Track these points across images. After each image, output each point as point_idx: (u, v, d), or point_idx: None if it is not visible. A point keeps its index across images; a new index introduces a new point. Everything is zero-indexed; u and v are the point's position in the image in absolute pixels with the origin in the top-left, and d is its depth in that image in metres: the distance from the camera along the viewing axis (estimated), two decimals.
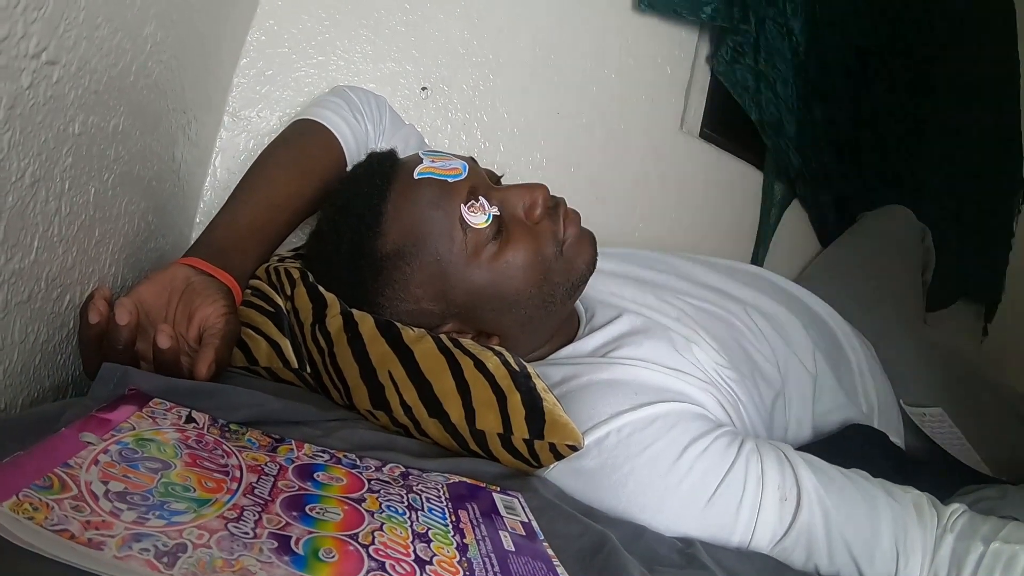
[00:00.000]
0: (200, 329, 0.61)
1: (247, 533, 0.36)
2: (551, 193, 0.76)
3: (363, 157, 0.79)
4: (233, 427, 0.50)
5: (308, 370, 0.68)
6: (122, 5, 0.54)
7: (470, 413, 0.60)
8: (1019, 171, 2.12)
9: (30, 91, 0.44)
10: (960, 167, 1.90)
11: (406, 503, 0.45)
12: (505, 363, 0.63)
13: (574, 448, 0.58)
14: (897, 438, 0.96)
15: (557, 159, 1.32)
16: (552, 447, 0.58)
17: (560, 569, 0.43)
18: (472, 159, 0.75)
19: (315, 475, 0.46)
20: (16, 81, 0.42)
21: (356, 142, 0.89)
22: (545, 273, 0.73)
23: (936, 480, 0.74)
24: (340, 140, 0.86)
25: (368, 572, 0.35)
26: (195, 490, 0.38)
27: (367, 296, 0.71)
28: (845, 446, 0.83)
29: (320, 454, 0.50)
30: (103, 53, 0.53)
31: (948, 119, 1.87)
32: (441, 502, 0.47)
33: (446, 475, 0.53)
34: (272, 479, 0.43)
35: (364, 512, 0.42)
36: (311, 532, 0.37)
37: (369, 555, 0.37)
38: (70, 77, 0.48)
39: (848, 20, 1.64)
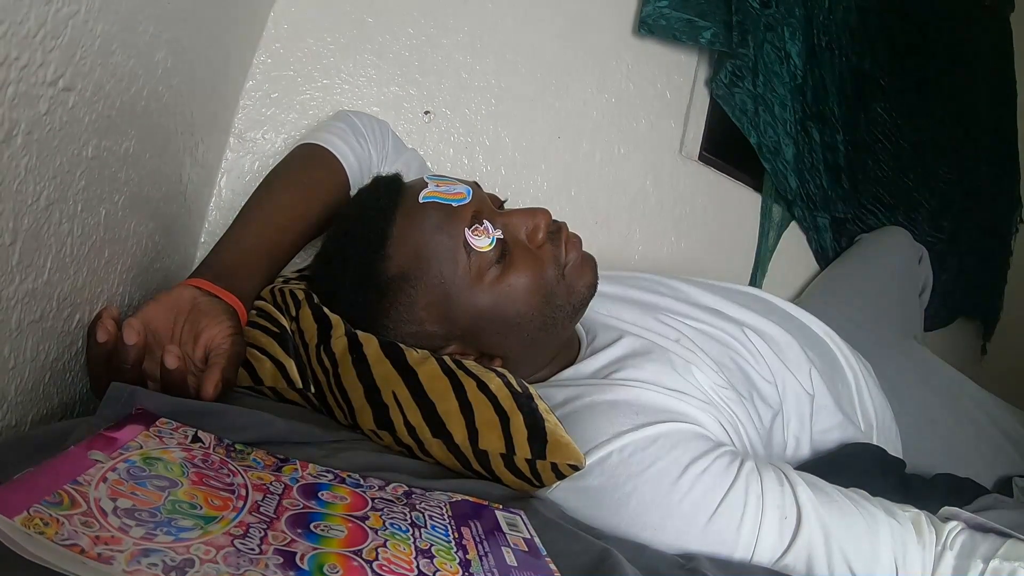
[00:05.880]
0: (206, 349, 0.62)
1: (253, 549, 0.36)
2: (553, 217, 0.77)
3: (366, 181, 0.80)
4: (238, 447, 0.51)
5: (312, 390, 0.69)
6: (135, 32, 0.56)
7: (473, 433, 0.60)
8: (1016, 190, 2.13)
9: (47, 117, 0.45)
10: (957, 187, 1.92)
11: (409, 521, 0.46)
12: (507, 384, 0.63)
13: (576, 468, 0.59)
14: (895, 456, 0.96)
15: (558, 183, 1.33)
16: (554, 467, 0.59)
17: None
18: (476, 183, 0.76)
19: (319, 494, 0.46)
20: (34, 107, 0.43)
21: (360, 166, 0.90)
22: (547, 296, 0.74)
23: (937, 497, 0.74)
24: (344, 164, 0.87)
25: None
26: (202, 507, 0.39)
27: (372, 318, 0.72)
28: (844, 464, 0.83)
29: (324, 474, 0.51)
30: (117, 79, 0.54)
31: (945, 140, 1.89)
32: (444, 520, 0.48)
33: (449, 494, 0.53)
34: (277, 498, 0.44)
35: (368, 529, 0.42)
36: (316, 548, 0.38)
37: (373, 571, 0.37)
38: (85, 102, 0.50)
39: (846, 44, 1.66)
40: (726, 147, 1.56)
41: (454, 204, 0.72)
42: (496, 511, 0.52)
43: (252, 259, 0.75)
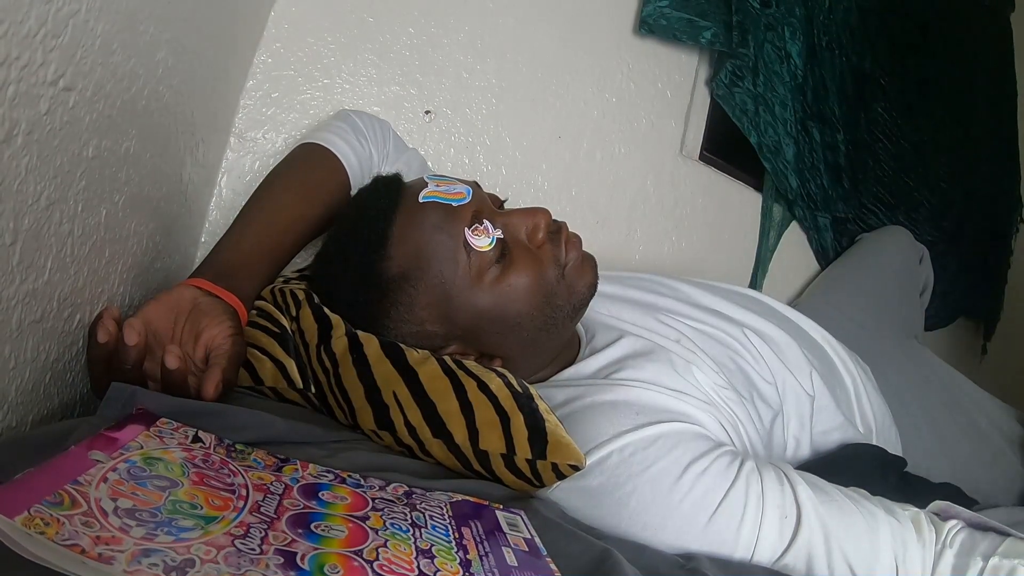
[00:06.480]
0: (207, 349, 0.62)
1: (254, 549, 0.36)
2: (553, 217, 0.77)
3: (367, 181, 0.80)
4: (239, 447, 0.51)
5: (313, 390, 0.69)
6: (135, 32, 0.56)
7: (473, 434, 0.60)
8: (1017, 189, 2.13)
9: (47, 116, 0.45)
10: (958, 187, 1.92)
11: (410, 521, 0.46)
12: (508, 384, 0.63)
13: (576, 468, 0.59)
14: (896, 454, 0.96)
15: (558, 183, 1.33)
16: (554, 467, 0.59)
17: None
18: (476, 183, 0.76)
19: (320, 494, 0.46)
20: (35, 107, 0.43)
21: (360, 166, 0.90)
22: (547, 296, 0.74)
23: (937, 497, 0.74)
24: (344, 164, 0.87)
25: None
26: (202, 508, 0.39)
27: (372, 318, 0.72)
28: (844, 465, 0.83)
29: (325, 474, 0.51)
30: (117, 78, 0.54)
31: (946, 140, 1.89)
32: (444, 520, 0.48)
33: (449, 494, 0.53)
34: (278, 498, 0.44)
35: (368, 529, 0.42)
36: (316, 548, 0.38)
37: (373, 571, 0.37)
38: (85, 102, 0.50)
39: (846, 43, 1.66)
40: (727, 147, 1.56)
41: (454, 204, 0.72)
42: (496, 511, 0.52)
43: (253, 259, 0.75)
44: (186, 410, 0.52)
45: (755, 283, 1.60)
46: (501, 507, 0.53)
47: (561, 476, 0.59)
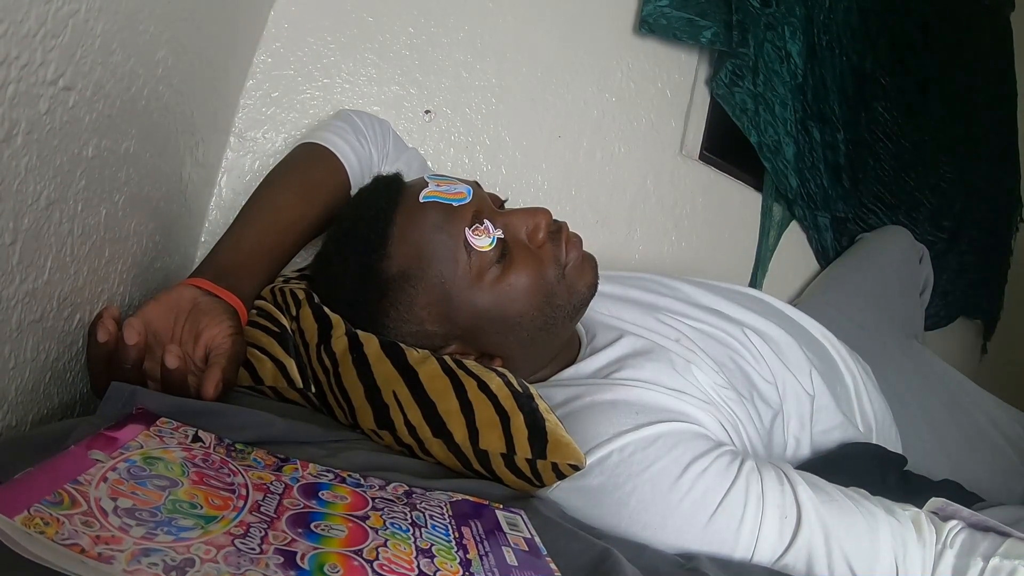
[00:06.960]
0: (206, 349, 0.62)
1: (253, 549, 0.36)
2: (553, 217, 0.77)
3: (367, 181, 0.80)
4: (239, 446, 0.51)
5: (313, 390, 0.69)
6: (135, 31, 0.56)
7: (473, 433, 0.60)
8: (1017, 189, 2.13)
9: (47, 116, 0.45)
10: (958, 186, 1.92)
11: (410, 520, 0.46)
12: (508, 384, 0.63)
13: (576, 467, 0.59)
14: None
15: (558, 182, 1.33)
16: (555, 467, 0.59)
17: None
18: (476, 183, 0.76)
19: (320, 494, 0.46)
20: (34, 107, 0.43)
21: (360, 166, 0.90)
22: (547, 296, 0.74)
23: (938, 496, 0.74)
24: (344, 164, 0.87)
25: None
26: (202, 507, 0.39)
27: (372, 317, 0.72)
28: (844, 464, 0.83)
29: (324, 473, 0.51)
30: (117, 78, 0.54)
31: (946, 140, 1.89)
32: (444, 519, 0.48)
33: (449, 493, 0.53)
34: (278, 497, 0.44)
35: (368, 529, 0.42)
36: (316, 548, 0.38)
37: (373, 570, 0.37)
38: (85, 102, 0.50)
39: (847, 43, 1.66)
40: (726, 146, 1.56)
41: (454, 204, 0.72)
42: (496, 511, 0.52)
43: (253, 259, 0.75)
44: (186, 410, 0.52)
45: (755, 283, 1.60)
46: (501, 507, 0.53)
47: (561, 476, 0.59)
